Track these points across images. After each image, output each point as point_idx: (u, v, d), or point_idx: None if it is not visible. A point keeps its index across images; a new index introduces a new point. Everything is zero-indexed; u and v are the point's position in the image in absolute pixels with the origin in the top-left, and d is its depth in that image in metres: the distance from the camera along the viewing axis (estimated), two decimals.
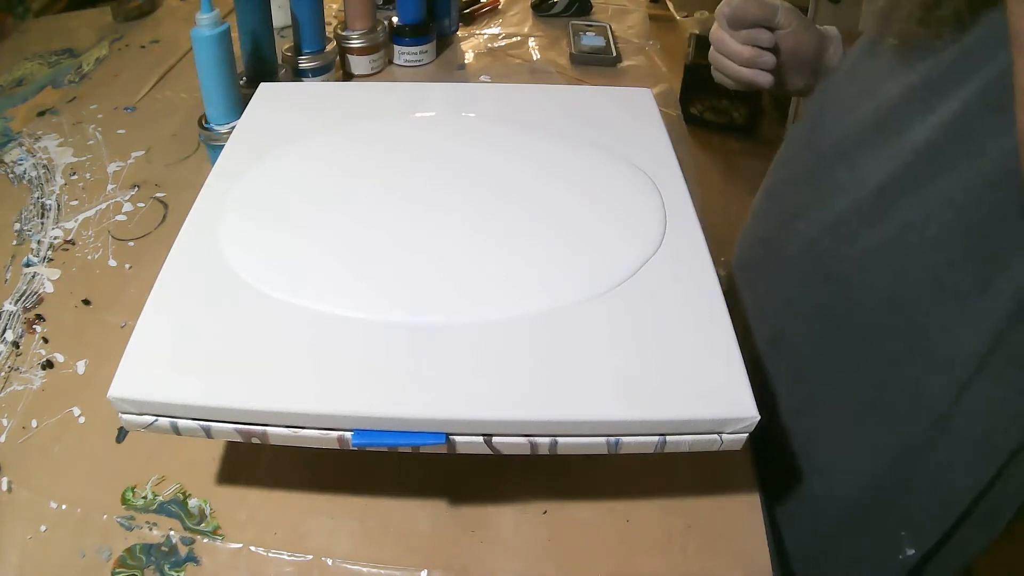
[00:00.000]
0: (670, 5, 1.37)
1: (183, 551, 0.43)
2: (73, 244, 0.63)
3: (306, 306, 0.40)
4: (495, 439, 0.37)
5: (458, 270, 0.43)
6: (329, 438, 0.37)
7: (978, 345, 0.42)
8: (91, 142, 0.75)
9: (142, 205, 0.67)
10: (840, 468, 0.52)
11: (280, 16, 0.87)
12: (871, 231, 0.46)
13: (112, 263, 0.61)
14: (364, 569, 0.42)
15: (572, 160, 0.52)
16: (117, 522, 0.44)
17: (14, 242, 0.63)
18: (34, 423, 0.49)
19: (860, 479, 0.52)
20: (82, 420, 0.49)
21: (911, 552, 0.51)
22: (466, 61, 0.93)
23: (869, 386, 0.49)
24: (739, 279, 0.60)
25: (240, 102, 0.64)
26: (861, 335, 0.49)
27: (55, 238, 0.63)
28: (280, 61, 0.77)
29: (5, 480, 0.46)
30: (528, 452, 0.37)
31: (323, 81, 0.80)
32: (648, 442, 0.37)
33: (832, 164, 0.49)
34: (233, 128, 0.55)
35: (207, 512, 0.44)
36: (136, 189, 0.69)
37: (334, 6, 1.01)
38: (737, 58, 0.56)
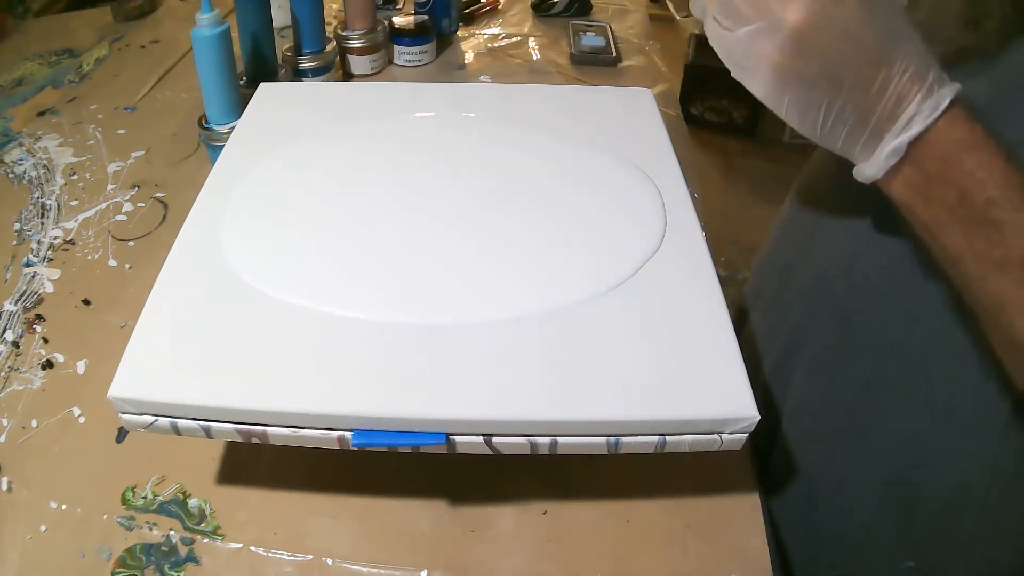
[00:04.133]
0: (670, 5, 1.37)
1: (183, 551, 0.43)
2: (73, 244, 0.63)
3: (306, 306, 0.40)
4: (495, 439, 0.37)
5: (457, 270, 0.43)
6: (329, 438, 0.37)
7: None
8: (91, 142, 0.75)
9: (142, 205, 0.67)
10: (842, 494, 0.52)
11: (280, 16, 0.87)
12: (875, 264, 0.44)
13: (112, 263, 0.61)
14: (364, 569, 0.42)
15: (572, 160, 0.51)
16: (117, 522, 0.44)
17: (14, 242, 0.63)
18: (34, 423, 0.49)
19: (862, 499, 0.51)
20: (82, 420, 0.49)
21: (910, 564, 0.51)
22: (466, 61, 0.93)
23: (872, 414, 0.48)
24: (750, 305, 0.59)
25: (240, 102, 0.64)
26: (864, 379, 0.48)
27: (55, 238, 0.63)
28: (280, 61, 0.77)
29: (5, 480, 0.46)
30: (528, 452, 0.37)
31: (323, 81, 0.80)
32: (648, 442, 0.37)
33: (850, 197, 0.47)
34: (233, 128, 0.55)
35: (207, 512, 0.44)
36: (136, 189, 0.69)
37: (334, 6, 1.01)
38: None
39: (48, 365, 0.53)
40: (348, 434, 0.36)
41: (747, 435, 0.37)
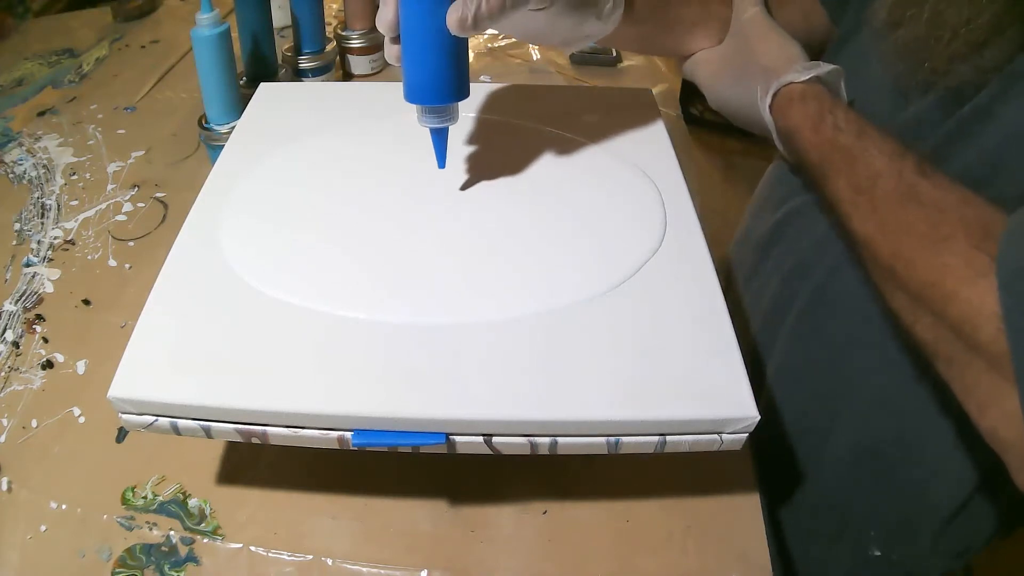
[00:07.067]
0: None
1: (183, 551, 0.43)
2: (73, 244, 0.63)
3: (306, 306, 0.40)
4: (495, 439, 0.37)
5: (458, 270, 0.43)
6: (329, 438, 0.37)
7: None
8: (91, 142, 0.75)
9: (142, 205, 0.67)
10: (819, 469, 0.53)
11: (280, 16, 0.87)
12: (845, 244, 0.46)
13: (112, 263, 0.61)
14: (364, 569, 0.42)
15: (572, 160, 0.51)
16: (117, 522, 0.44)
17: (14, 242, 0.63)
18: (34, 423, 0.49)
19: (838, 480, 0.52)
20: (82, 420, 0.49)
21: (877, 553, 0.51)
22: None
23: (844, 392, 0.50)
24: (737, 277, 0.60)
25: (240, 102, 0.64)
26: (838, 344, 0.49)
27: (55, 238, 0.63)
28: (280, 61, 0.77)
29: (5, 480, 0.46)
30: (528, 452, 0.37)
31: (323, 81, 0.80)
32: (648, 442, 0.37)
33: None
34: (233, 128, 0.55)
35: (207, 512, 0.44)
36: (136, 189, 0.69)
37: (334, 6, 1.01)
38: None
39: (48, 365, 0.53)
40: (348, 434, 0.36)
41: (747, 435, 0.37)
